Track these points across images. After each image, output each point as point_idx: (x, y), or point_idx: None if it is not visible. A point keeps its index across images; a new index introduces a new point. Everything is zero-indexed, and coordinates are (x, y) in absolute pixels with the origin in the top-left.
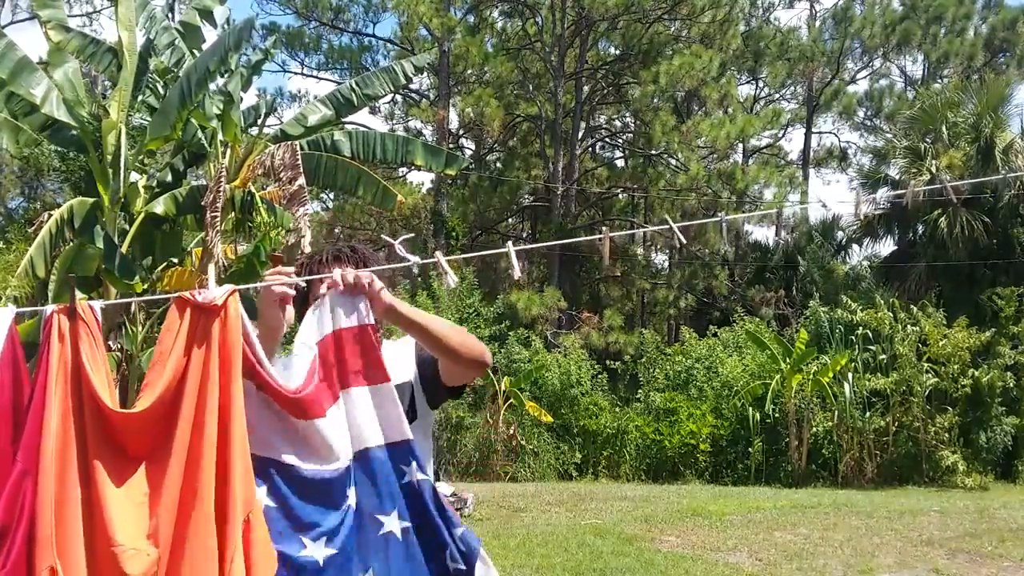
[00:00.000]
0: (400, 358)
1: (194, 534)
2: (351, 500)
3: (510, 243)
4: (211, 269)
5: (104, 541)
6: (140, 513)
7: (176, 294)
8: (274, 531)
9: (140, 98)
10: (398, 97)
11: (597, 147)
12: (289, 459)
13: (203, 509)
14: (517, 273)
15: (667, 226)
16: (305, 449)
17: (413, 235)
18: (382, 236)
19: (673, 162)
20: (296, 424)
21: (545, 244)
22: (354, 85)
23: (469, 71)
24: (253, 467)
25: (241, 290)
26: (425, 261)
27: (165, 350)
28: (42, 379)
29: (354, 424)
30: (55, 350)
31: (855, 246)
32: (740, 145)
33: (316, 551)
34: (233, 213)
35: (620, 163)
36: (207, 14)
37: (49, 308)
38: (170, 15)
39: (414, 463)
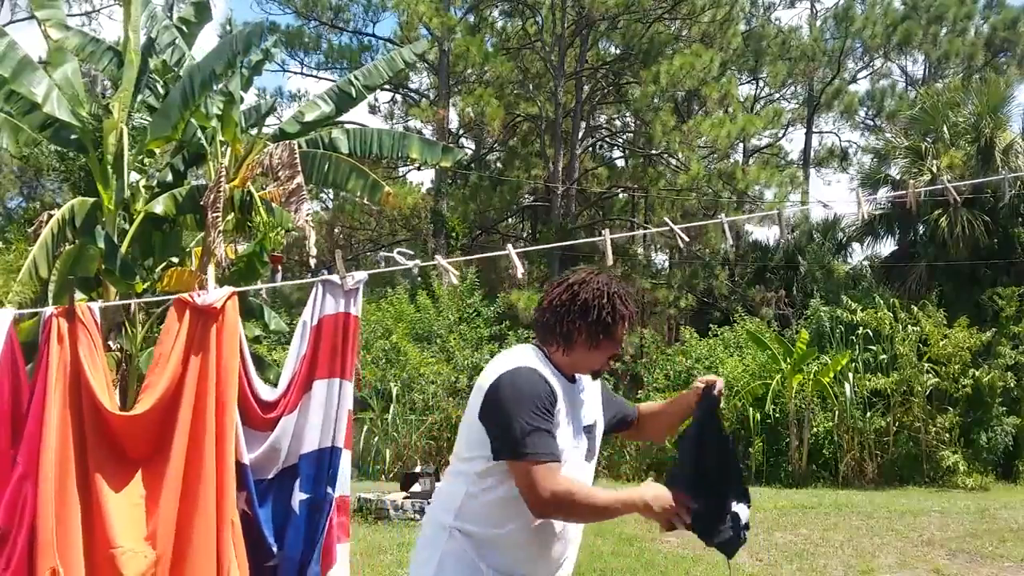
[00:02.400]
0: (593, 398)
1: (196, 536)
2: (297, 500)
3: (510, 245)
4: (211, 271)
5: (103, 543)
6: (138, 515)
7: (175, 296)
8: (247, 537)
9: (140, 98)
10: (398, 97)
11: (597, 147)
12: (246, 461)
13: (204, 512)
14: (520, 271)
15: (668, 227)
16: (255, 454)
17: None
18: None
19: (673, 162)
20: (251, 432)
21: (546, 246)
22: (353, 78)
23: (469, 71)
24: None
25: (239, 292)
26: (425, 264)
27: (165, 352)
28: (41, 381)
29: (313, 420)
30: (54, 352)
31: (856, 246)
32: (740, 145)
33: (279, 554)
34: (233, 213)
35: (620, 163)
36: (203, 8)
37: (48, 310)
38: (170, 14)
39: (333, 473)
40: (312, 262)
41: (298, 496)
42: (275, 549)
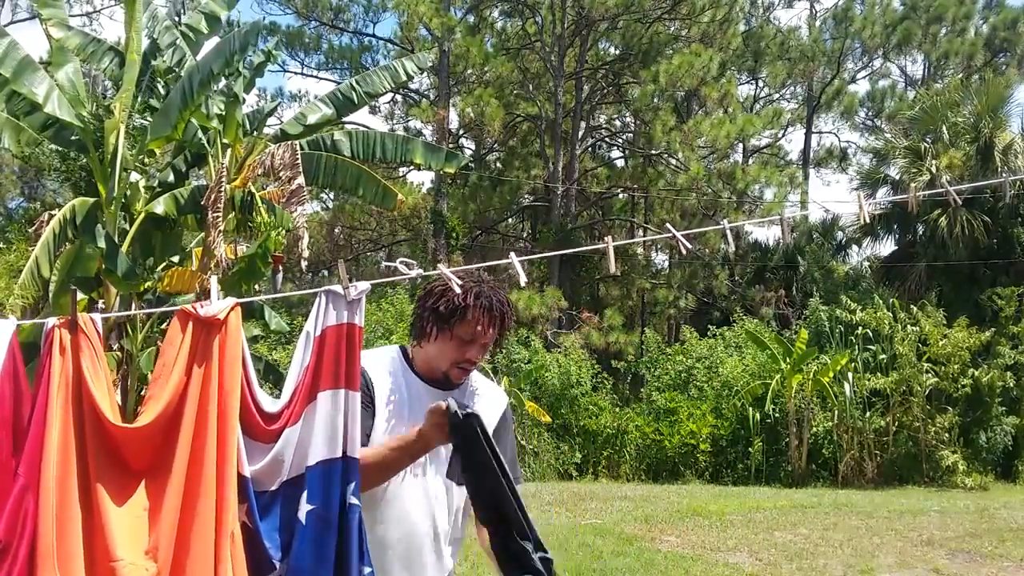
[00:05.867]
0: (492, 407)
1: (195, 550)
2: (304, 512)
3: (513, 254)
4: (214, 281)
5: (104, 555)
6: (139, 528)
7: (178, 307)
8: (247, 550)
9: (141, 98)
10: (398, 97)
11: (597, 147)
12: (247, 474)
13: (204, 525)
14: (523, 281)
15: (670, 234)
16: (258, 466)
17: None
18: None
19: (673, 162)
20: (254, 444)
21: (548, 254)
22: (354, 84)
23: (469, 71)
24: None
25: (242, 303)
26: (428, 273)
27: (167, 363)
28: (43, 392)
29: (318, 432)
30: (56, 363)
31: (855, 246)
32: (740, 145)
33: (281, 569)
34: (233, 213)
35: (620, 163)
36: (214, 20)
37: (50, 321)
38: (178, 18)
39: (353, 484)
40: (304, 264)
41: (305, 508)
42: (277, 563)
